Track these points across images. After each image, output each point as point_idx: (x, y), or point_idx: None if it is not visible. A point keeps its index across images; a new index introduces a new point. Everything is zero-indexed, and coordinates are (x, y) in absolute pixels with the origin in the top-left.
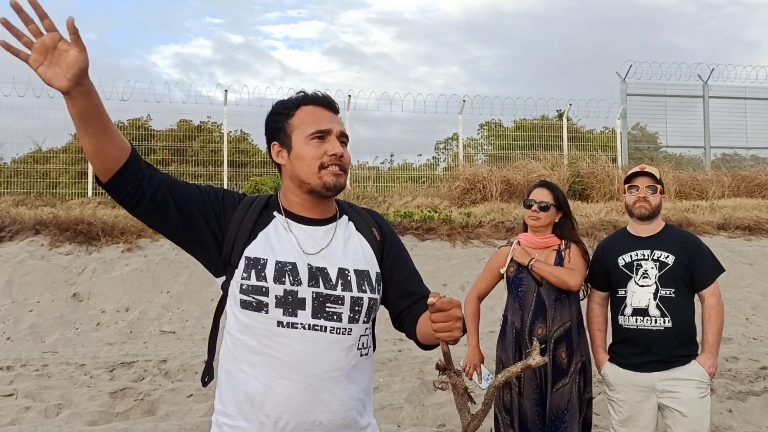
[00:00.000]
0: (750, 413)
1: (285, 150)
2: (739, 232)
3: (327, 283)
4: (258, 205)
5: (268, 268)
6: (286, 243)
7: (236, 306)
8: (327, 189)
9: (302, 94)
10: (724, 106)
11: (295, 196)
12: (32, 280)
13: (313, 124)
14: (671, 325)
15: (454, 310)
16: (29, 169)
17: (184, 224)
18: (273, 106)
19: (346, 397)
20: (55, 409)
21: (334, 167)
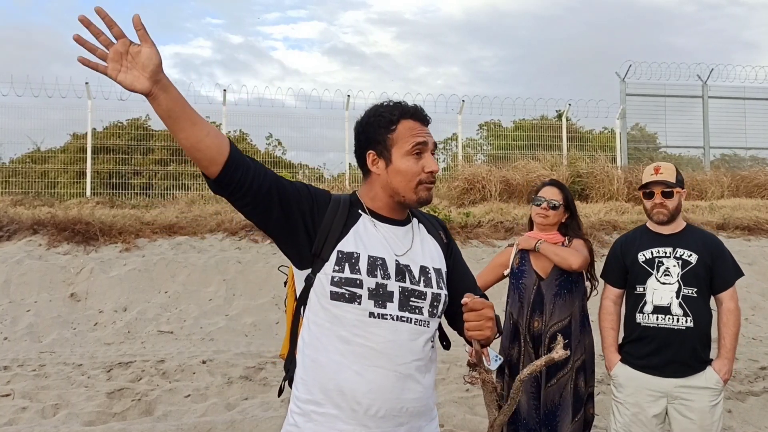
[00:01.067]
0: (749, 414)
1: (383, 161)
2: (738, 232)
3: (412, 278)
4: (346, 204)
5: (362, 262)
6: (375, 240)
7: (325, 298)
8: (420, 203)
9: (400, 107)
10: (724, 107)
11: (381, 201)
12: (30, 280)
13: (413, 138)
14: (693, 325)
15: (486, 310)
16: (27, 169)
17: (284, 219)
18: (371, 116)
19: (427, 384)
20: (52, 410)
21: (428, 183)
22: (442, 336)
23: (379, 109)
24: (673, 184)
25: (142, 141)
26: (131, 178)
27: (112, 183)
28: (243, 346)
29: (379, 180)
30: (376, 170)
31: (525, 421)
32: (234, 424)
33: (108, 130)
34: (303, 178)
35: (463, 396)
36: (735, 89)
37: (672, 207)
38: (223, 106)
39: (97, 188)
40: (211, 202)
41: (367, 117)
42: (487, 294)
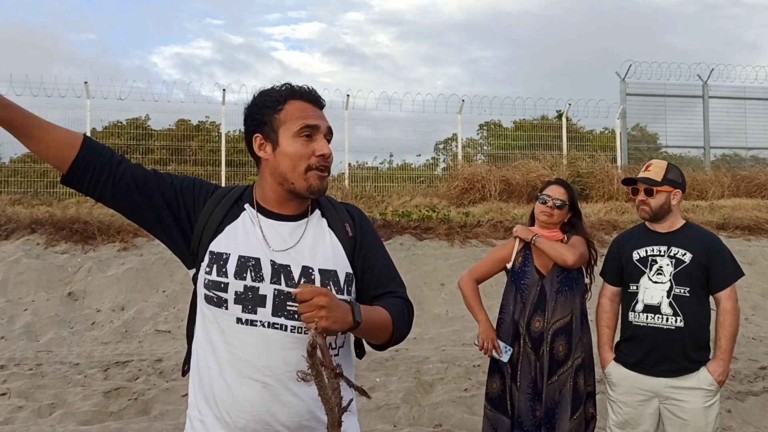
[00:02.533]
0: (749, 413)
1: (269, 144)
2: (738, 232)
3: (289, 280)
4: (230, 198)
5: (230, 263)
6: (251, 237)
7: (202, 301)
8: (311, 192)
9: (289, 87)
10: (724, 107)
11: (272, 192)
12: (27, 279)
13: (302, 120)
14: (683, 325)
15: (317, 299)
16: (27, 168)
17: (153, 216)
18: (256, 96)
19: (306, 397)
20: (49, 409)
21: (319, 170)
22: (356, 343)
23: (266, 90)
24: (656, 183)
25: (142, 141)
26: None
27: None
28: None
29: (267, 166)
30: (264, 155)
31: (521, 421)
32: None
33: (107, 129)
34: None
35: (461, 396)
36: (735, 89)
37: (655, 206)
38: (222, 106)
39: None
40: None
41: (254, 99)
42: (490, 293)
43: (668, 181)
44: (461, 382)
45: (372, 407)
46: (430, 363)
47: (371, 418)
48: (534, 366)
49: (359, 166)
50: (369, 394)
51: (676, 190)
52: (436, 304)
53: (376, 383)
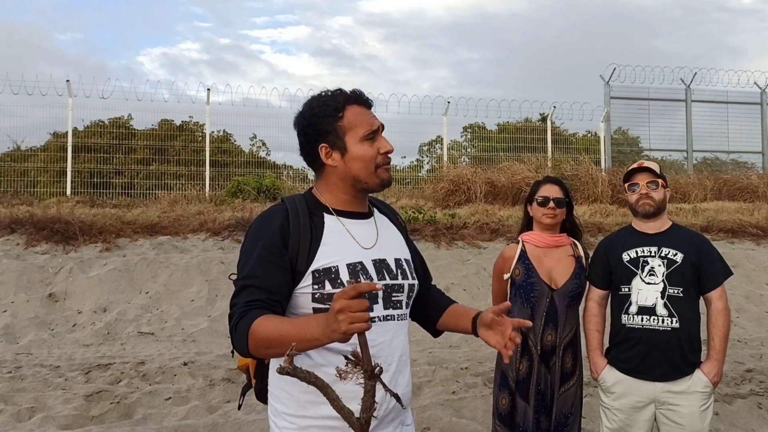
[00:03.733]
0: (736, 416)
1: (337, 152)
2: (722, 234)
3: (389, 273)
4: (304, 210)
5: (342, 273)
6: (346, 243)
7: (309, 313)
8: (383, 185)
9: (344, 93)
10: (706, 111)
11: (344, 194)
12: (7, 280)
13: (365, 124)
14: (679, 326)
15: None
16: (7, 167)
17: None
18: (314, 106)
19: (409, 375)
20: (28, 413)
21: (386, 165)
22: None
23: (321, 98)
24: (658, 175)
25: (124, 140)
26: (113, 178)
27: (93, 182)
28: (225, 347)
29: (336, 172)
30: (332, 162)
31: None
32: (216, 427)
33: (89, 128)
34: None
35: (449, 398)
36: (718, 93)
37: (658, 198)
38: (207, 106)
39: (78, 188)
40: (193, 201)
41: (311, 108)
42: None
43: (663, 178)
44: (449, 384)
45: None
46: (418, 365)
47: None
48: (543, 379)
49: None
50: (402, 402)
51: (668, 188)
52: None
53: None
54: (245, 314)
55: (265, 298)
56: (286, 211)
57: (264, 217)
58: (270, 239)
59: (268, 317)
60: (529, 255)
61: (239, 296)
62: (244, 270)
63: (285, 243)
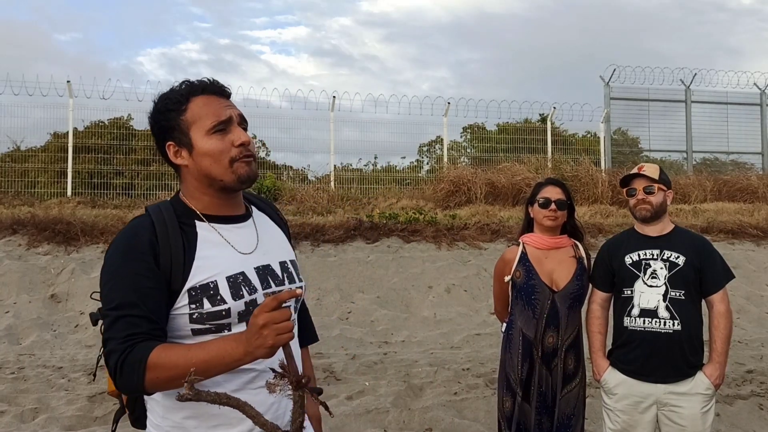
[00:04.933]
0: (737, 417)
1: (185, 149)
2: (722, 235)
3: (275, 280)
4: (172, 225)
5: (222, 289)
6: (223, 253)
7: (187, 336)
8: (242, 182)
9: (188, 84)
10: (706, 111)
11: (207, 195)
12: (9, 281)
13: (211, 115)
14: (681, 328)
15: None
16: (7, 168)
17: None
18: (157, 103)
19: None
20: (32, 414)
21: (245, 158)
22: None
23: (165, 93)
24: (655, 180)
25: (124, 141)
26: (113, 178)
27: (94, 183)
28: None
29: (189, 172)
30: (182, 161)
31: None
32: None
33: (89, 129)
34: (287, 180)
35: (451, 399)
36: (717, 94)
37: (656, 203)
38: None
39: (78, 188)
40: None
41: (154, 105)
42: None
43: (663, 181)
44: (451, 385)
45: (362, 411)
46: (419, 366)
47: (361, 423)
48: (545, 381)
49: (344, 167)
50: (331, 411)
51: (669, 191)
52: (423, 307)
53: (366, 387)
54: (129, 350)
55: (147, 330)
56: (152, 223)
57: (128, 233)
58: (139, 259)
59: (165, 347)
60: (530, 257)
61: (114, 329)
62: (114, 297)
63: (156, 261)
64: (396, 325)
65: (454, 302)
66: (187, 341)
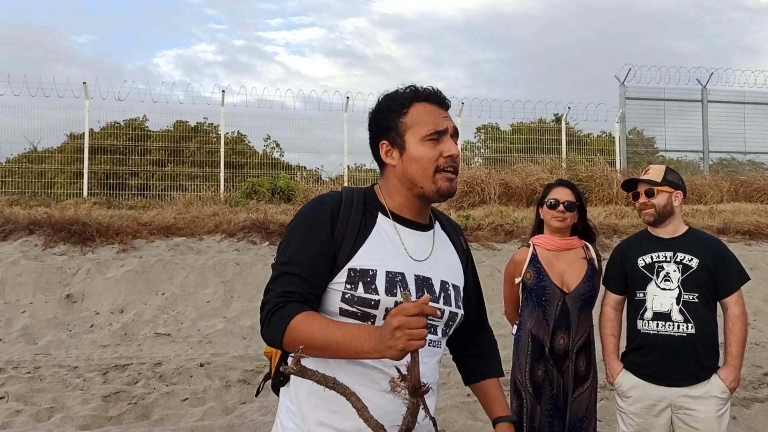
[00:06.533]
0: (754, 420)
1: (396, 150)
2: (739, 236)
3: (432, 294)
4: (357, 209)
5: (379, 280)
6: (395, 250)
7: (333, 311)
8: (440, 195)
9: (413, 89)
10: (723, 111)
11: (402, 198)
12: (25, 281)
13: (429, 123)
14: (694, 331)
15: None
16: (24, 169)
17: None
18: (380, 102)
19: (434, 404)
20: (47, 413)
21: (448, 171)
22: None
23: (390, 94)
24: (656, 183)
25: (140, 141)
26: (128, 179)
27: (109, 183)
28: (241, 348)
29: (394, 172)
30: (391, 161)
31: None
32: (232, 429)
33: (105, 130)
34: (301, 180)
35: (464, 401)
36: (734, 94)
37: (658, 206)
38: (222, 107)
39: (94, 189)
40: (208, 203)
41: (378, 104)
42: (491, 296)
43: (668, 182)
44: (464, 387)
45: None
46: None
47: None
48: (556, 382)
49: (357, 168)
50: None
51: (677, 191)
52: None
53: None
54: (282, 306)
55: (304, 292)
56: (340, 199)
57: (316, 202)
58: (318, 226)
59: (310, 315)
60: (540, 258)
61: (276, 282)
62: (286, 253)
63: (332, 231)
64: None
65: None
66: (333, 319)
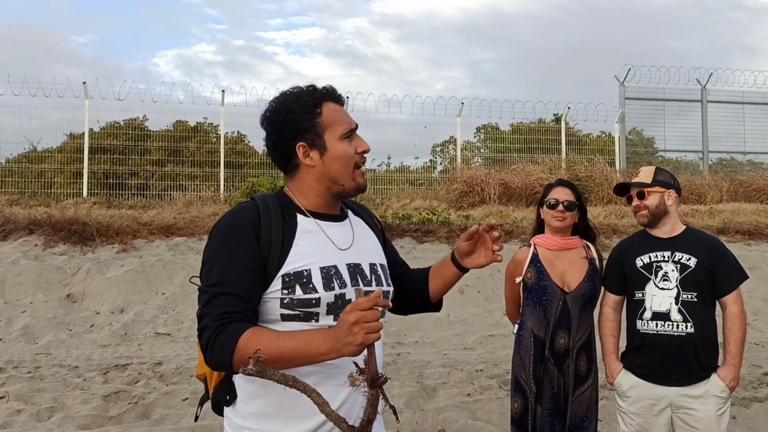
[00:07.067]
0: (754, 420)
1: (316, 150)
2: (738, 236)
3: (363, 279)
4: (277, 213)
5: (315, 278)
6: (322, 246)
7: (276, 322)
8: (358, 190)
9: (319, 90)
10: (722, 111)
11: (318, 196)
12: (25, 281)
13: (344, 122)
14: (693, 331)
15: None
16: (23, 168)
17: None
18: (289, 103)
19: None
20: (48, 413)
21: (362, 167)
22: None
23: (296, 94)
24: (646, 185)
25: (139, 141)
26: (128, 179)
27: (109, 183)
28: None
29: (312, 172)
30: (310, 162)
31: None
32: None
33: (105, 130)
34: None
35: (464, 401)
36: (734, 94)
37: (651, 206)
38: (222, 107)
39: (94, 188)
40: (208, 203)
41: (286, 105)
42: (492, 296)
43: (658, 182)
44: (464, 386)
45: None
46: (433, 367)
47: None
48: (557, 382)
49: None
50: (398, 417)
51: (669, 191)
52: None
53: None
54: (223, 328)
55: (242, 309)
56: (257, 208)
57: (233, 216)
58: (242, 239)
59: (257, 331)
60: (541, 258)
61: (210, 305)
62: (213, 274)
63: (258, 242)
64: (409, 325)
65: (467, 303)
66: (276, 326)
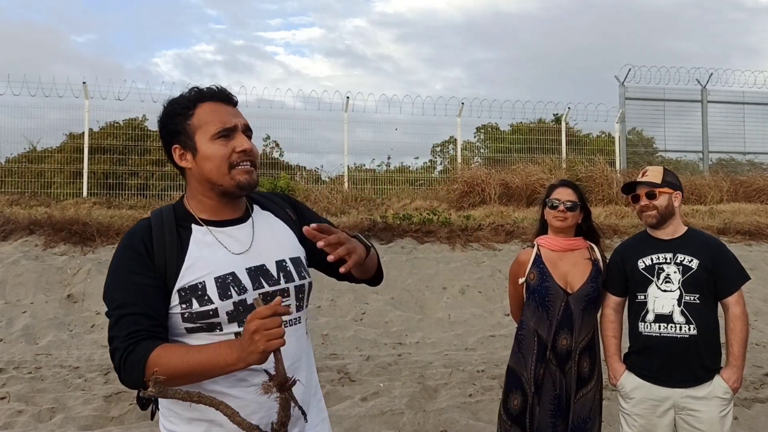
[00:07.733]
0: (756, 421)
1: (189, 152)
2: (739, 237)
3: (269, 280)
4: (171, 222)
5: (210, 289)
6: (217, 254)
7: (182, 335)
8: (241, 188)
9: (197, 90)
10: (723, 111)
11: (207, 198)
12: (26, 281)
13: (217, 122)
14: (696, 332)
15: (336, 236)
16: (23, 168)
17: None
18: (166, 107)
19: (312, 382)
20: (49, 413)
21: (244, 164)
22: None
23: (175, 98)
24: (657, 185)
25: (139, 141)
26: (128, 179)
27: (109, 183)
28: None
29: (192, 175)
30: (186, 164)
31: None
32: None
33: (105, 130)
34: (300, 180)
35: (466, 401)
36: (734, 94)
37: (661, 207)
38: None
39: (94, 188)
40: None
41: (165, 110)
42: (492, 296)
43: (667, 183)
44: (466, 387)
45: (376, 413)
46: (434, 368)
47: (375, 424)
48: (559, 383)
49: (357, 168)
50: (307, 417)
51: (676, 192)
52: (438, 308)
53: (380, 388)
54: (132, 348)
55: (149, 326)
56: (149, 225)
57: (126, 236)
58: (134, 258)
59: (165, 348)
60: (544, 259)
61: (117, 328)
62: (115, 297)
63: (152, 259)
64: (410, 326)
65: (468, 303)
66: (185, 339)
